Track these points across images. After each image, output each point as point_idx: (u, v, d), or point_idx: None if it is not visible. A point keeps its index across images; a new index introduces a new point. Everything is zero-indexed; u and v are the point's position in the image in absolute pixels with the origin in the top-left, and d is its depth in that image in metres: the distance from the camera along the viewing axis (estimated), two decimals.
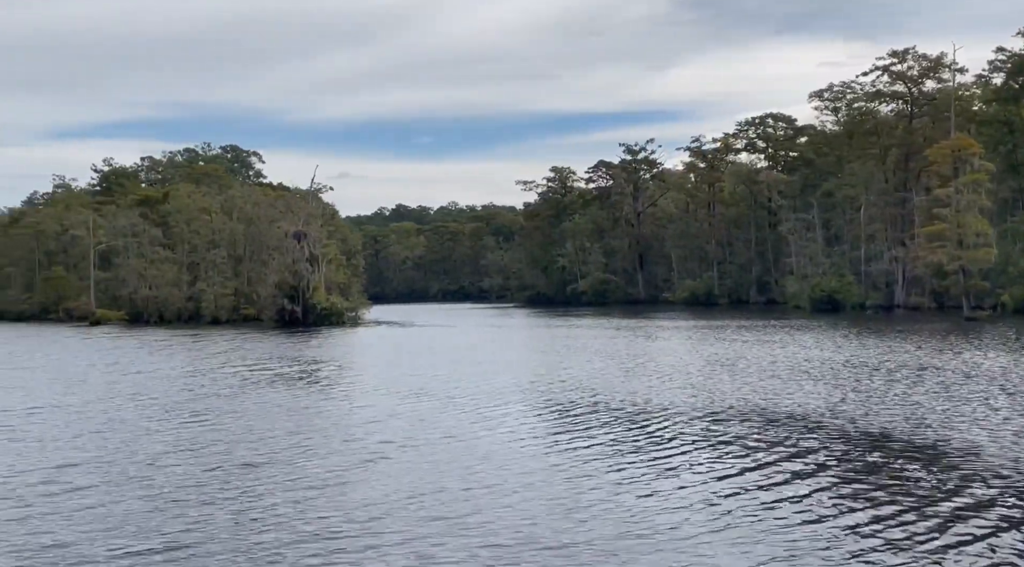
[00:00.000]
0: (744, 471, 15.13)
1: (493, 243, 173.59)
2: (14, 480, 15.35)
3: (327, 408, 23.78)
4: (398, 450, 17.45)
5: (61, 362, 40.61)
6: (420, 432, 19.29)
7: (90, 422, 21.69)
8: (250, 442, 18.59)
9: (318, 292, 77.79)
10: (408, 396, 25.40)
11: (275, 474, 15.40)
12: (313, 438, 19.02)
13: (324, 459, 16.71)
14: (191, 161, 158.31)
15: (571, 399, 24.13)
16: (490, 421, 20.69)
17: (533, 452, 17.03)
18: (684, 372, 30.20)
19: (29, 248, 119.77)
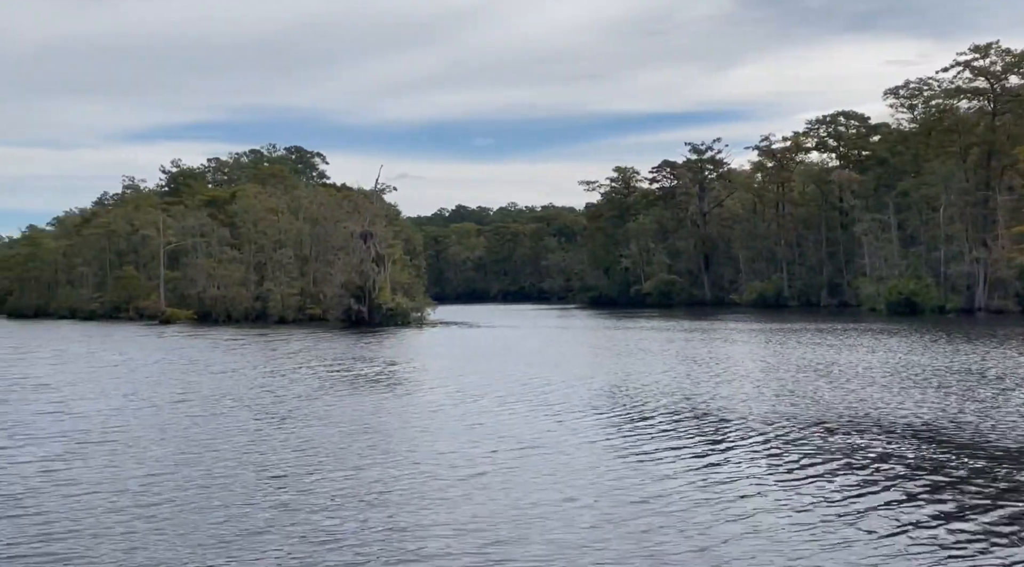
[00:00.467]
0: (878, 486, 14.02)
1: (554, 244, 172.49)
2: (109, 487, 14.91)
3: (414, 413, 23.10)
4: (505, 459, 16.66)
5: (141, 361, 40.72)
6: (516, 443, 18.44)
7: (183, 424, 21.31)
8: (347, 446, 17.98)
9: (384, 292, 77.65)
10: (499, 401, 24.60)
11: (382, 479, 14.74)
12: (403, 444, 18.33)
13: (423, 469, 16.00)
14: (256, 162, 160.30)
15: (666, 406, 23.11)
16: (586, 431, 19.72)
17: (643, 466, 16.07)
18: (777, 378, 28.93)
19: (100, 248, 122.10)
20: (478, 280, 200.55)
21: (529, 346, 47.80)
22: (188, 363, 38.78)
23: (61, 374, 34.54)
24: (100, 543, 11.64)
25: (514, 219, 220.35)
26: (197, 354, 43.93)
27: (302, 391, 27.57)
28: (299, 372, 33.73)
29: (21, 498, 14.06)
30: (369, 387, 28.73)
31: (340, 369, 34.75)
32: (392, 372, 34.09)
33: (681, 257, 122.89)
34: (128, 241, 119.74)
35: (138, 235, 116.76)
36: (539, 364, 35.90)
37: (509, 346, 47.63)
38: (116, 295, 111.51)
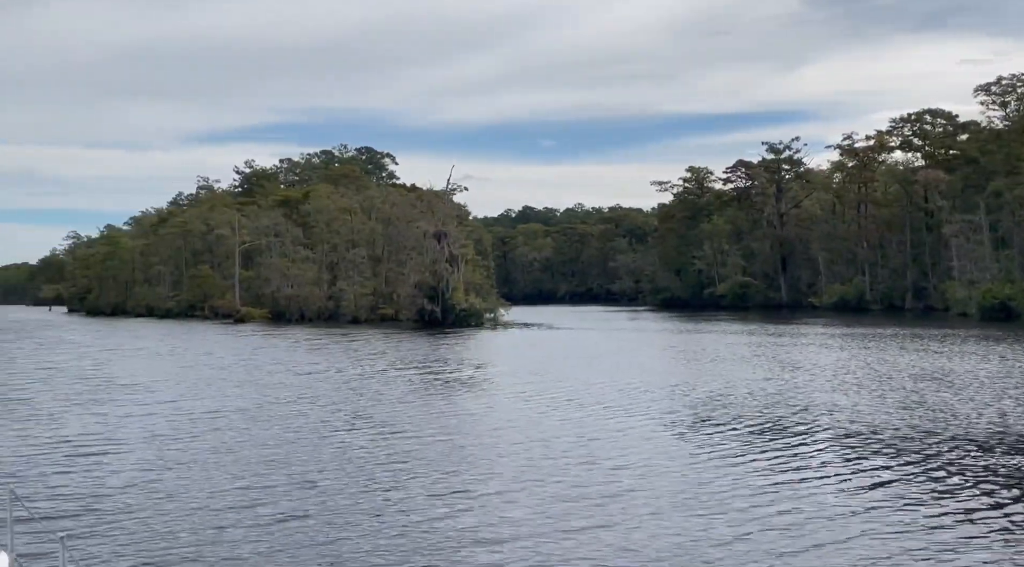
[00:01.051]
0: None
1: (624, 245, 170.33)
2: (208, 489, 14.09)
3: (521, 424, 21.95)
4: (636, 481, 15.41)
5: (229, 362, 40.42)
6: (641, 459, 17.18)
7: (280, 428, 20.55)
8: (463, 459, 16.94)
9: (457, 293, 76.96)
10: (607, 410, 23.41)
11: (516, 501, 13.64)
12: (521, 463, 17.20)
13: (549, 491, 14.83)
14: (327, 163, 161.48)
15: (788, 418, 21.58)
16: (714, 446, 18.29)
17: (795, 491, 14.66)
18: (895, 388, 27.12)
19: (176, 247, 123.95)
20: (545, 281, 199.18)
21: (614, 349, 46.41)
22: (274, 363, 38.33)
23: (153, 374, 34.25)
24: (202, 549, 11.19)
25: (582, 220, 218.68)
26: (282, 354, 43.54)
27: (398, 395, 26.70)
28: (390, 375, 32.92)
29: (128, 506, 13.31)
30: (465, 391, 27.76)
31: (430, 372, 33.89)
32: (484, 376, 33.05)
33: (756, 259, 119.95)
34: (203, 240, 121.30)
35: (213, 234, 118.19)
36: (631, 369, 34.56)
37: (593, 349, 46.32)
38: (191, 294, 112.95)
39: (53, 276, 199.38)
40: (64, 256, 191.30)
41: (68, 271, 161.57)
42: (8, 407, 23.92)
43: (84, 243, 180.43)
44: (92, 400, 25.83)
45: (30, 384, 30.49)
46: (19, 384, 30.25)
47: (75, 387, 29.42)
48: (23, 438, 18.82)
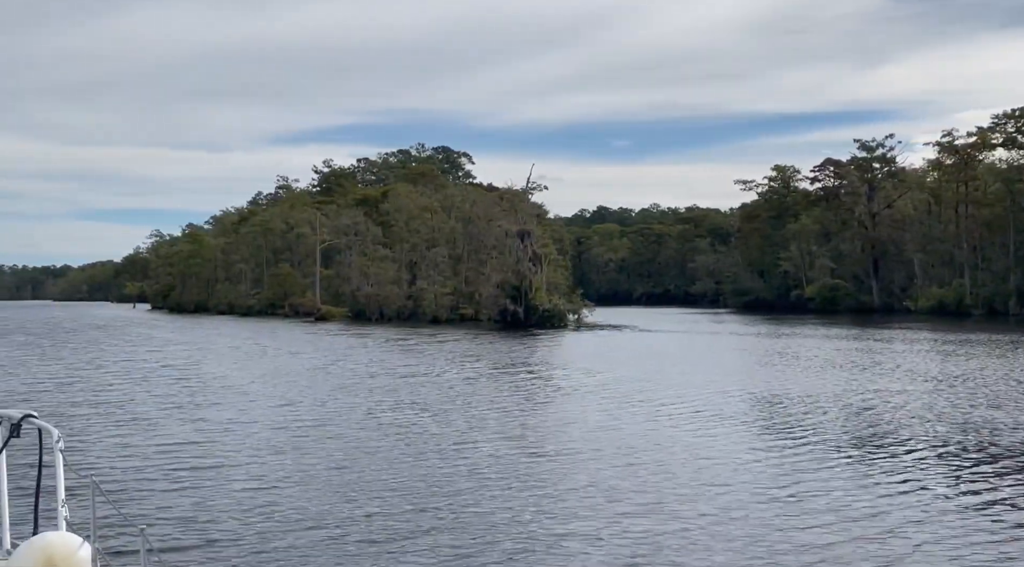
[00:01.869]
0: None
1: (704, 245, 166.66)
2: (318, 503, 12.62)
3: (643, 434, 20.13)
4: (776, 509, 13.46)
5: (321, 361, 39.42)
6: (776, 483, 15.21)
7: (393, 436, 19.11)
8: (578, 469, 15.21)
9: (540, 293, 75.34)
10: (721, 422, 21.46)
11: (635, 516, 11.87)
12: (640, 464, 15.40)
13: (667, 507, 13.00)
14: (404, 162, 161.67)
15: (951, 438, 19.28)
16: (878, 474, 16.14)
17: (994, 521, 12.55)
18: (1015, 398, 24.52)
19: (257, 245, 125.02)
20: (621, 282, 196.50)
21: (709, 353, 44.22)
22: (371, 365, 37.12)
23: (250, 375, 33.21)
24: None
25: (658, 220, 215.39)
26: (376, 355, 42.38)
27: (510, 402, 25.12)
28: (492, 379, 31.33)
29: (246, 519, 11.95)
30: (578, 399, 26.04)
31: (534, 376, 32.36)
32: (595, 382, 30.99)
33: (845, 260, 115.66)
34: (283, 239, 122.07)
35: (293, 233, 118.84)
36: (735, 374, 32.48)
37: (689, 353, 44.19)
38: (272, 292, 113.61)
39: (137, 274, 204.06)
40: (147, 254, 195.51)
41: (152, 269, 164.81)
42: (106, 410, 22.91)
43: (167, 242, 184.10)
44: (191, 403, 24.76)
45: (127, 385, 29.70)
46: (117, 385, 29.41)
47: (173, 389, 28.50)
48: (123, 446, 17.62)
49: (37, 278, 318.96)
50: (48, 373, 34.45)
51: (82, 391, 28.27)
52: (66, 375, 33.40)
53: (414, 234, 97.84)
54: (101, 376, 32.25)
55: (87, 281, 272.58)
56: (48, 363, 39.02)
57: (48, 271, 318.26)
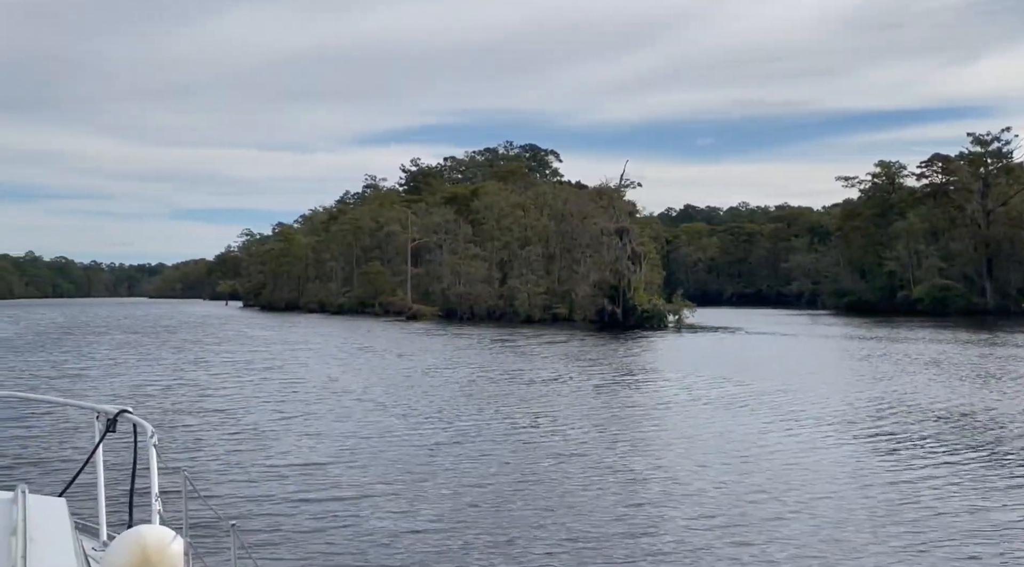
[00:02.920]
0: None
1: (800, 244, 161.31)
2: (434, 520, 10.81)
3: (796, 446, 17.89)
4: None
5: (431, 362, 37.94)
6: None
7: (540, 453, 17.30)
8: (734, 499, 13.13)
9: (639, 292, 72.90)
10: (844, 431, 19.00)
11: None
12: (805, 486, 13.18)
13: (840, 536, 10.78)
14: (491, 161, 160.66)
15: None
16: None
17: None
18: None
19: (347, 244, 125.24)
20: (711, 282, 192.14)
21: (832, 357, 41.27)
22: (488, 368, 35.32)
23: (363, 380, 31.49)
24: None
25: (747, 219, 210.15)
26: (487, 358, 40.53)
27: (654, 415, 23.05)
28: (625, 386, 29.27)
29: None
30: (722, 409, 23.78)
31: (669, 383, 30.09)
32: (727, 390, 28.64)
33: (956, 260, 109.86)
34: (372, 237, 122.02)
35: (383, 231, 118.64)
36: (859, 382, 29.83)
37: (810, 357, 41.34)
38: (362, 290, 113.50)
39: (228, 272, 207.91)
40: (239, 253, 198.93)
41: (244, 267, 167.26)
42: (219, 419, 21.48)
43: (257, 240, 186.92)
44: (308, 413, 23.20)
45: (237, 389, 28.46)
46: (227, 390, 28.08)
47: (286, 394, 27.10)
48: (238, 463, 16.11)
49: (133, 276, 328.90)
50: (153, 373, 33.77)
51: (187, 392, 27.28)
52: (171, 375, 32.64)
53: (505, 232, 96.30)
54: (207, 378, 31.30)
55: (181, 279, 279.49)
56: (151, 363, 38.50)
57: (143, 269, 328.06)
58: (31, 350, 45.89)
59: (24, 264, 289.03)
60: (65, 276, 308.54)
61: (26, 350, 45.93)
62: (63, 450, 16.72)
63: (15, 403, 20.90)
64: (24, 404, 20.85)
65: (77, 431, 18.14)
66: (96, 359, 38.93)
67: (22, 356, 41.78)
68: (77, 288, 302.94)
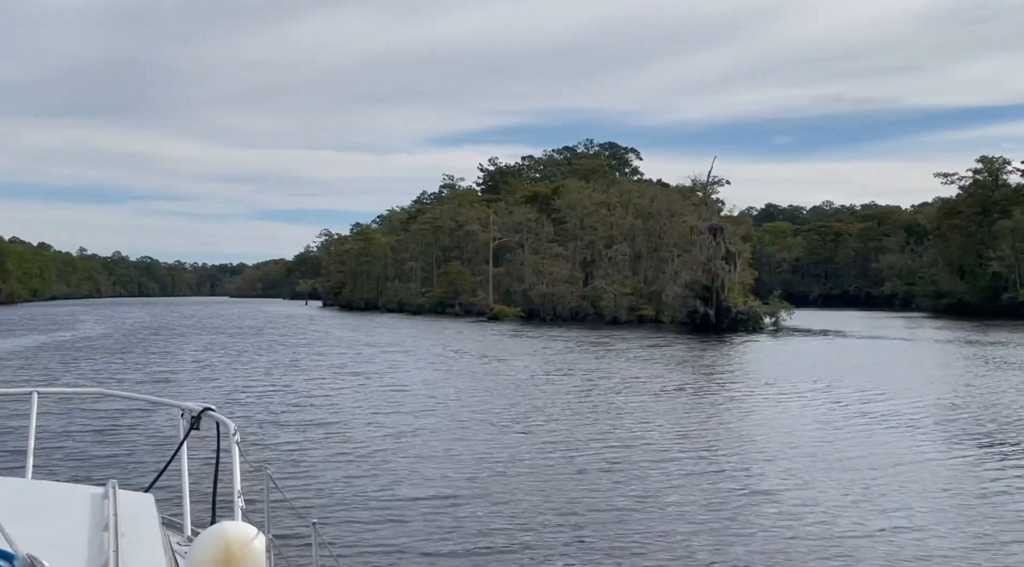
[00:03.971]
0: None
1: (891, 244, 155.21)
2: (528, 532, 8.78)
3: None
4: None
5: (534, 368, 36.02)
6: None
7: (664, 470, 15.16)
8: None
9: (734, 293, 69.83)
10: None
11: None
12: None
13: None
14: (570, 160, 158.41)
15: None
16: None
17: None
18: None
19: (427, 243, 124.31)
20: (795, 283, 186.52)
21: (955, 366, 37.95)
22: (597, 374, 33.27)
23: (469, 389, 29.41)
24: None
25: (834, 218, 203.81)
26: (592, 363, 38.19)
27: (808, 433, 20.66)
28: (762, 399, 26.79)
29: None
30: (867, 422, 21.26)
31: (784, 390, 27.55)
32: (857, 403, 26.09)
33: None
34: (452, 237, 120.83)
35: (462, 231, 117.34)
36: (999, 391, 26.76)
37: (928, 365, 38.09)
38: (442, 290, 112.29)
39: (307, 271, 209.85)
40: (318, 252, 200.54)
41: (323, 266, 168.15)
42: (322, 433, 19.51)
43: (336, 240, 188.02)
44: (405, 419, 21.46)
45: (333, 394, 26.81)
46: (339, 400, 26.18)
47: (384, 399, 25.43)
48: (347, 484, 14.34)
49: (215, 275, 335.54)
50: (246, 377, 32.53)
51: (283, 398, 25.75)
52: (264, 380, 31.30)
53: (589, 231, 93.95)
54: (302, 383, 29.84)
55: (261, 278, 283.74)
56: (242, 366, 37.39)
57: (225, 269, 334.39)
58: (120, 352, 45.34)
59: (112, 264, 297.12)
60: (150, 275, 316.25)
61: (116, 352, 45.40)
62: (148, 447, 16.84)
63: (103, 400, 20.93)
64: (111, 401, 20.91)
65: (162, 428, 18.08)
66: (185, 362, 37.95)
67: (111, 358, 41.17)
68: (161, 287, 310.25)
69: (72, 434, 18.15)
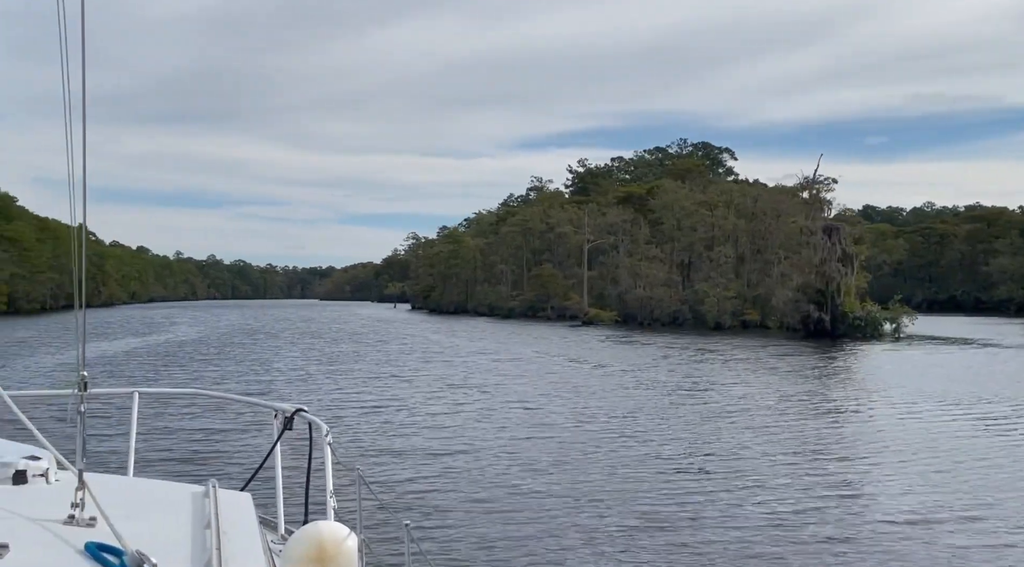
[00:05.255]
0: None
1: (1004, 247, 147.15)
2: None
3: None
4: None
5: (662, 378, 33.32)
6: None
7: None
8: None
9: (849, 298, 65.57)
10: None
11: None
12: None
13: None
14: (661, 160, 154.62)
15: None
16: None
17: None
18: None
19: (517, 246, 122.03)
20: (897, 286, 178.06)
21: None
22: (711, 385, 30.45)
23: (606, 407, 26.88)
24: None
25: (937, 219, 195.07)
26: (718, 373, 35.37)
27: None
28: (916, 417, 23.64)
29: None
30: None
31: (934, 407, 24.22)
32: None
33: None
34: (542, 239, 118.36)
35: (553, 233, 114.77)
36: None
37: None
38: (533, 293, 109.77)
39: (395, 274, 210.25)
40: (405, 256, 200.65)
41: (412, 269, 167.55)
42: (418, 439, 18.00)
43: (423, 243, 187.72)
44: (535, 437, 19.01)
45: (438, 402, 24.73)
46: (438, 406, 24.43)
47: (492, 410, 23.34)
48: (440, 488, 13.49)
49: (305, 278, 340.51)
50: (353, 388, 30.60)
51: (394, 415, 23.58)
52: (373, 392, 29.30)
53: (688, 232, 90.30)
54: (403, 390, 27.95)
55: (349, 281, 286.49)
56: (346, 376, 35.59)
57: (315, 272, 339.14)
58: (216, 357, 44.15)
59: (207, 267, 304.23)
60: (243, 278, 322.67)
61: (213, 358, 44.23)
62: (242, 446, 17.01)
63: (199, 400, 21.49)
64: (207, 401, 21.41)
65: (256, 429, 18.11)
66: (284, 371, 36.12)
67: (207, 362, 39.97)
68: (254, 290, 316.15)
69: (170, 433, 18.48)
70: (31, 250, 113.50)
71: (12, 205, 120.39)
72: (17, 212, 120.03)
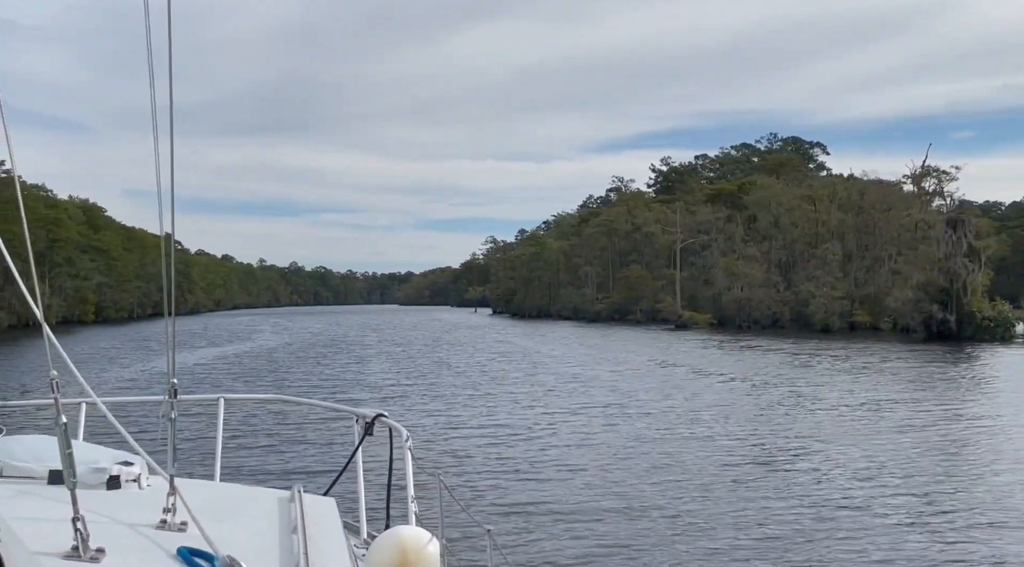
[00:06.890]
0: None
1: None
2: None
3: None
4: None
5: (830, 396, 29.49)
6: None
7: None
8: None
9: (976, 296, 60.12)
10: None
11: None
12: None
13: None
14: (748, 156, 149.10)
15: None
16: None
17: None
18: None
19: (601, 247, 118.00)
20: (1001, 284, 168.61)
21: None
22: (847, 398, 26.38)
23: (790, 437, 23.86)
24: None
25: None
26: (838, 381, 31.59)
27: None
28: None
29: None
30: None
31: None
32: None
33: None
34: (628, 239, 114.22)
35: (640, 233, 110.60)
36: None
37: None
38: (620, 296, 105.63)
39: (474, 278, 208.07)
40: (484, 260, 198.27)
41: (492, 273, 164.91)
42: (504, 446, 17.40)
43: (501, 247, 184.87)
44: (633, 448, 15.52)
45: (536, 412, 21.74)
46: (537, 417, 22.20)
47: (585, 419, 20.80)
48: (522, 495, 13.16)
49: (384, 284, 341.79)
50: (448, 409, 27.48)
51: (478, 418, 20.38)
52: (472, 414, 26.14)
53: (788, 229, 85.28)
54: (503, 403, 24.95)
55: (428, 286, 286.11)
56: (441, 392, 32.59)
57: (394, 277, 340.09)
58: (297, 367, 41.58)
59: (289, 274, 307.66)
60: (324, 284, 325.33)
61: (293, 367, 41.66)
62: (324, 451, 17.06)
63: (282, 406, 21.70)
64: (290, 407, 21.53)
65: (337, 434, 18.08)
66: (373, 386, 33.07)
67: (291, 371, 37.46)
68: (335, 296, 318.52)
69: (254, 438, 18.56)
70: (118, 259, 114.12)
71: (100, 216, 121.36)
72: (105, 222, 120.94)
